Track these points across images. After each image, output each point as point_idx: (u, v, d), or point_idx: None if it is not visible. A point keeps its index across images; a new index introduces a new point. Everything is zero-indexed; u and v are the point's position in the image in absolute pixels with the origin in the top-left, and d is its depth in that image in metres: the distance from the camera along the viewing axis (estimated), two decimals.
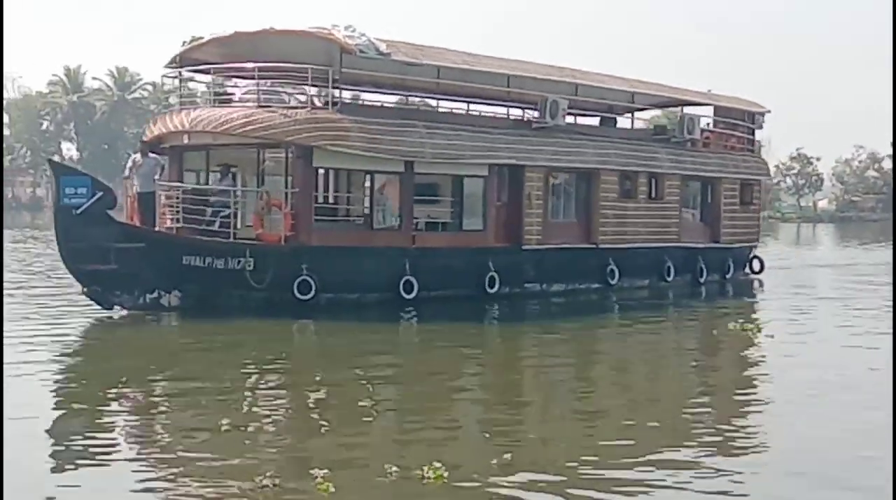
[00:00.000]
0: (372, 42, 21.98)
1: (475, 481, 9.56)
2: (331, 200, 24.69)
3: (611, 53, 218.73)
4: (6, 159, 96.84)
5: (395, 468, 9.55)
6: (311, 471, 9.38)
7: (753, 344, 19.37)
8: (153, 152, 22.49)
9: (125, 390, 13.58)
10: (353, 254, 22.04)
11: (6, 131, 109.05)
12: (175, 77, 23.36)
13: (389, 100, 27.72)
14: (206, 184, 23.09)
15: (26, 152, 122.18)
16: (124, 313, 20.57)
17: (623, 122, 31.34)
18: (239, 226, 21.86)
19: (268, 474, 9.29)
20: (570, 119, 29.08)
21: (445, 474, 9.45)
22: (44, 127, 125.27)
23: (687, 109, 32.20)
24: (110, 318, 20.24)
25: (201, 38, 23.35)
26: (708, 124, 32.37)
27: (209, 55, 23.16)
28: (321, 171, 24.02)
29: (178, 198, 22.04)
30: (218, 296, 20.93)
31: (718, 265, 31.15)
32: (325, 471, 9.33)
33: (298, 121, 21.38)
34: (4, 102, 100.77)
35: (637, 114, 32.09)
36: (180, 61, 23.39)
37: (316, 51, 22.24)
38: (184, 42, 23.52)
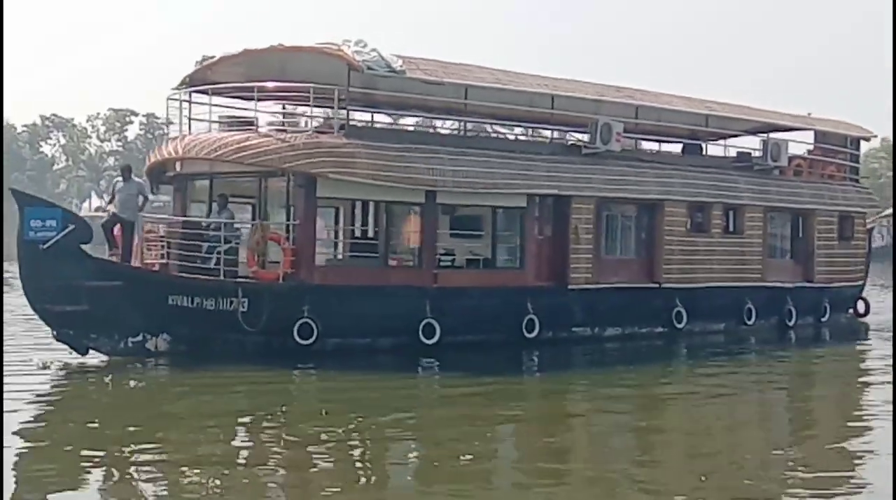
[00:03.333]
0: (383, 58, 20.19)
1: None
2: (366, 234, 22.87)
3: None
4: None
5: None
6: None
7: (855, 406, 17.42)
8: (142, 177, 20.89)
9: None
10: (363, 294, 20.11)
11: None
12: (181, 100, 21.79)
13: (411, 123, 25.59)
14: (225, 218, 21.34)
15: None
16: (104, 358, 18.94)
17: (717, 151, 29.06)
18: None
19: None
20: (649, 146, 27.03)
21: None
22: None
23: (781, 134, 29.48)
24: (82, 365, 18.60)
25: (213, 57, 21.87)
26: (808, 151, 29.71)
27: (221, 75, 21.74)
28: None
29: (168, 231, 20.45)
30: (211, 340, 19.25)
31: (812, 307, 28.31)
32: None
33: (297, 147, 19.70)
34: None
35: (731, 141, 29.68)
36: (190, 82, 21.96)
37: (325, 69, 20.58)
38: (196, 62, 21.55)
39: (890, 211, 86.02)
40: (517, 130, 26.18)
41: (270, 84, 20.49)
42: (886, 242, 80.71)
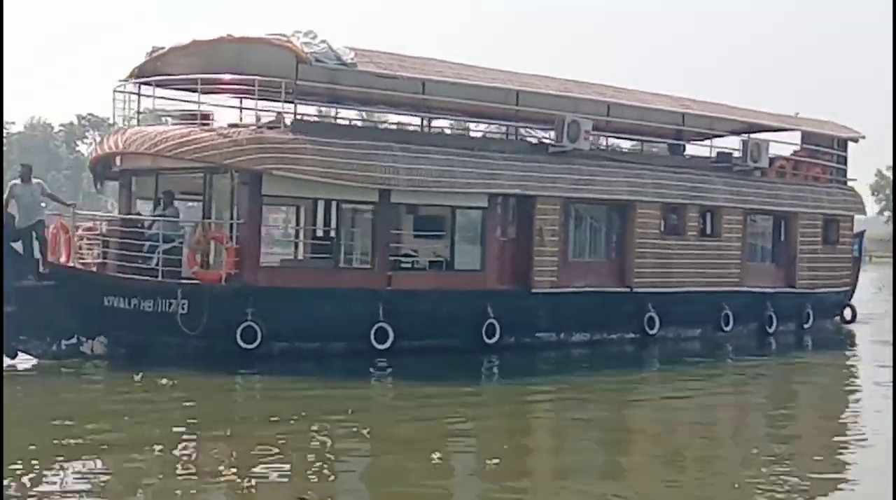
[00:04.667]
0: (333, 50, 19.42)
1: None
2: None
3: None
4: None
5: None
6: None
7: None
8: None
9: None
10: (312, 296, 19.32)
11: None
12: (127, 92, 20.98)
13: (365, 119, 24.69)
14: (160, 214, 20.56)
15: None
16: (34, 362, 18.18)
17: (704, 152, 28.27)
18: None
19: None
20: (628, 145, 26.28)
21: None
22: None
23: (767, 135, 28.65)
24: (12, 368, 17.81)
25: (163, 48, 21.07)
26: (793, 152, 28.92)
27: (171, 67, 20.88)
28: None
29: (108, 229, 19.70)
30: (150, 344, 18.46)
31: (794, 314, 27.43)
32: None
33: (240, 142, 18.94)
34: None
35: (717, 141, 28.90)
36: (139, 74, 21.16)
37: (274, 61, 19.81)
38: (146, 54, 20.77)
39: None
40: (480, 128, 25.16)
41: (213, 76, 19.67)
42: None
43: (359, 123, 23.10)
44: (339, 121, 22.72)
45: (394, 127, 23.15)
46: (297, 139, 19.27)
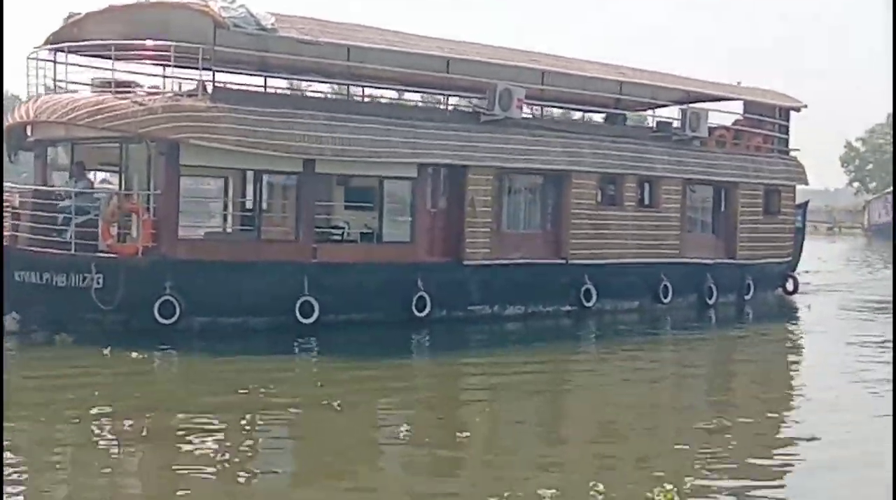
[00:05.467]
0: (252, 15, 18.84)
1: None
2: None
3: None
4: None
5: None
6: None
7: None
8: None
9: None
10: (233, 270, 18.77)
11: None
12: (41, 59, 20.21)
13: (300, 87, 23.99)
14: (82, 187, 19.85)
15: None
16: None
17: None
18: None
19: None
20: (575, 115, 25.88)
21: None
22: None
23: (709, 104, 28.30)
24: None
25: (79, 13, 20.33)
26: (734, 121, 28.59)
27: (88, 33, 20.05)
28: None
29: (20, 202, 19.04)
30: (65, 319, 17.83)
31: (734, 285, 27.12)
32: None
33: (155, 110, 18.32)
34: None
35: (660, 111, 28.52)
36: (55, 40, 20.41)
37: (192, 26, 19.15)
38: (63, 19, 20.05)
39: (891, 189, 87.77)
40: (413, 96, 24.63)
41: (128, 42, 19.01)
42: (884, 219, 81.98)
43: (287, 93, 22.25)
44: (263, 89, 21.94)
45: (317, 96, 22.36)
46: (215, 107, 18.68)
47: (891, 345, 19.19)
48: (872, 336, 22.01)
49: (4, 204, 19.16)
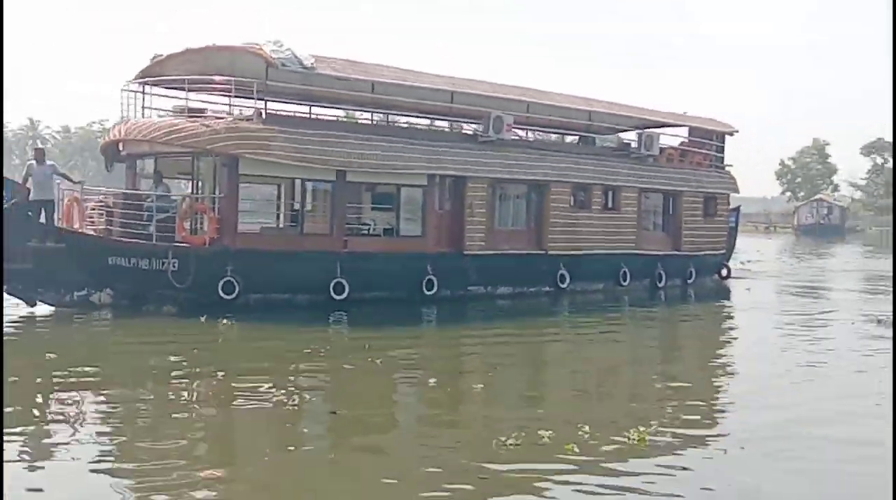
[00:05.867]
0: (296, 56, 18.34)
1: None
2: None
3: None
4: None
5: None
6: None
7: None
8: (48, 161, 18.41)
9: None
10: (280, 257, 18.30)
11: None
12: (132, 90, 19.80)
13: (336, 114, 23.22)
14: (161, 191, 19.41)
15: None
16: (51, 309, 17.16)
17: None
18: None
19: None
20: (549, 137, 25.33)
21: None
22: None
23: (661, 130, 27.67)
24: (32, 315, 16.80)
25: (162, 55, 19.90)
26: (680, 143, 27.92)
27: (170, 70, 19.67)
28: None
29: (113, 202, 18.67)
30: (148, 295, 17.44)
31: (679, 271, 26.45)
32: None
33: (218, 131, 17.88)
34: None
35: (624, 135, 27.88)
36: (143, 75, 20.00)
37: (249, 65, 18.68)
38: (150, 59, 19.61)
39: (820, 196, 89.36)
40: (423, 122, 24.02)
41: (199, 77, 18.57)
42: (809, 221, 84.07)
43: (324, 118, 21.69)
44: (304, 115, 21.39)
45: (348, 120, 21.82)
46: (267, 129, 18.19)
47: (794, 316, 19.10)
48: (795, 311, 21.84)
49: (101, 205, 18.84)
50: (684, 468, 8.43)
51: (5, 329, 15.29)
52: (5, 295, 16.91)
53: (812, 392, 11.93)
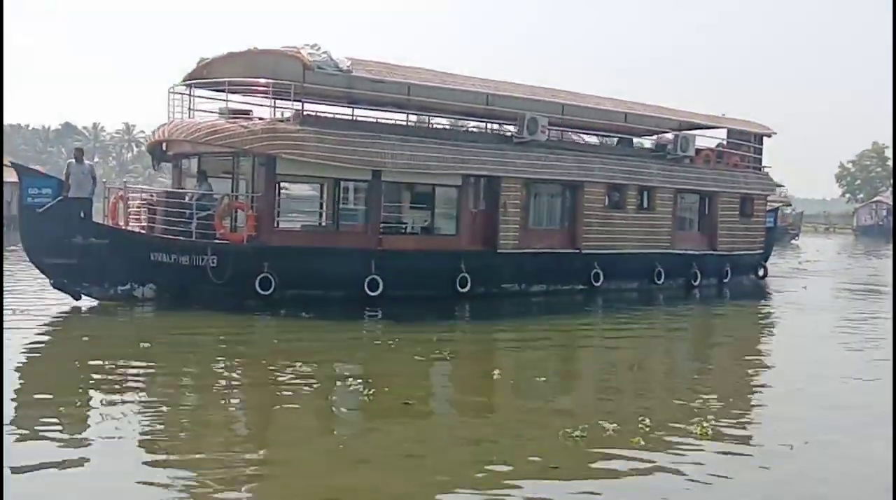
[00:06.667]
0: (332, 59, 18.57)
1: None
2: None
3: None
4: None
5: None
6: None
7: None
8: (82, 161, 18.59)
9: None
10: (316, 254, 18.55)
11: None
12: (180, 93, 20.20)
13: (376, 116, 23.21)
14: (204, 190, 19.75)
15: None
16: (94, 303, 17.60)
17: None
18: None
19: None
20: (593, 140, 25.38)
21: None
22: None
23: (700, 131, 27.53)
24: (78, 308, 17.26)
25: (207, 59, 20.29)
26: (718, 144, 27.70)
27: (215, 73, 20.02)
28: None
29: (156, 200, 19.05)
30: (188, 289, 17.81)
31: (715, 271, 26.28)
32: None
33: (256, 132, 18.18)
34: None
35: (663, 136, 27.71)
36: (190, 78, 20.43)
37: (288, 68, 18.94)
38: (197, 63, 20.01)
39: (878, 198, 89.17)
40: (459, 123, 24.07)
41: (239, 79, 18.92)
42: (868, 222, 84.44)
43: (365, 120, 21.84)
44: (341, 117, 21.58)
45: (384, 122, 21.91)
46: (302, 130, 18.44)
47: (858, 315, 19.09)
48: (854, 311, 21.89)
49: (145, 203, 19.24)
50: (754, 461, 8.43)
51: (52, 320, 15.84)
52: (52, 289, 17.44)
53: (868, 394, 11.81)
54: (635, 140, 27.82)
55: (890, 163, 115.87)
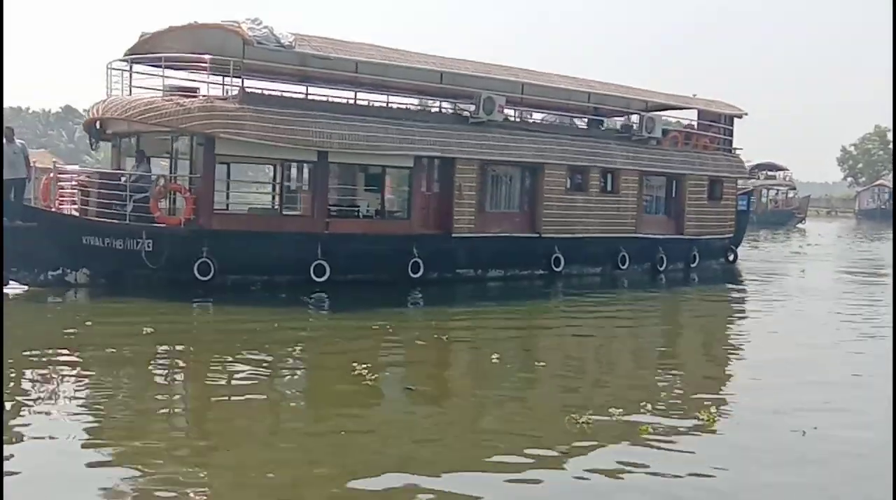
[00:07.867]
0: (273, 34, 17.49)
1: None
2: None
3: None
4: None
5: None
6: None
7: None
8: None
9: None
10: (258, 238, 17.51)
11: None
12: (119, 69, 19.02)
13: (329, 94, 21.98)
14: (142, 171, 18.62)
15: None
16: (23, 289, 16.56)
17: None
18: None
19: None
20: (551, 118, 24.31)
21: None
22: None
23: (669, 112, 26.55)
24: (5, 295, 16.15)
25: (149, 34, 19.14)
26: (687, 125, 26.72)
27: (157, 48, 18.82)
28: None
29: (88, 181, 17.97)
30: (123, 275, 16.79)
31: (682, 255, 25.27)
32: None
33: (192, 110, 17.07)
34: None
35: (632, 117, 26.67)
36: (131, 54, 19.26)
37: (228, 43, 17.85)
38: (138, 37, 18.87)
39: (881, 181, 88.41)
40: (414, 102, 22.94)
41: (176, 55, 17.81)
42: (870, 206, 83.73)
43: (313, 98, 20.70)
44: (288, 95, 20.43)
45: (330, 100, 20.71)
46: (242, 108, 17.35)
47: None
48: (857, 296, 21.44)
49: (77, 183, 18.18)
50: (762, 447, 8.26)
51: None
52: None
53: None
54: (606, 122, 26.82)
55: (892, 146, 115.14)
